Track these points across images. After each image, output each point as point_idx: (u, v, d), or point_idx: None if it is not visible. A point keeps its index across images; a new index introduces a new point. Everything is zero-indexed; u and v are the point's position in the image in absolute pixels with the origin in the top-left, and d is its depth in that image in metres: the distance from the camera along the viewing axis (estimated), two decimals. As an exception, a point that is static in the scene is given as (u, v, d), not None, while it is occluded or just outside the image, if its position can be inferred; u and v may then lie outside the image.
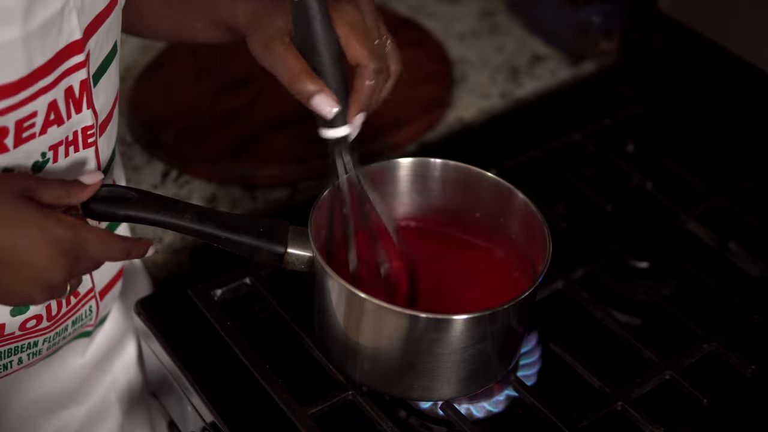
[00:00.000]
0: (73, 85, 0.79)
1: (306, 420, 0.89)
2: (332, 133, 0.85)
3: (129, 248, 0.79)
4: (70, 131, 0.81)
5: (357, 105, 0.85)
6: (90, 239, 0.75)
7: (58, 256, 0.74)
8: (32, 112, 0.77)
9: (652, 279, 1.06)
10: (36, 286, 0.75)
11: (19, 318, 0.86)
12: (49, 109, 0.78)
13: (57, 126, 0.80)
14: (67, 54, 0.78)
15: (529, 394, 0.92)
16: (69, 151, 0.82)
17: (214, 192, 1.18)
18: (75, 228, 0.75)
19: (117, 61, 0.86)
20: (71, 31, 0.77)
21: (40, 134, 0.78)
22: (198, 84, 1.30)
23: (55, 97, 0.78)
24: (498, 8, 1.47)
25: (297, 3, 0.82)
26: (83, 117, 0.82)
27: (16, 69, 0.74)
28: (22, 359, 0.91)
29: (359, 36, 0.85)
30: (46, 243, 0.73)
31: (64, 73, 0.78)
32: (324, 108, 0.84)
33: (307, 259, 0.86)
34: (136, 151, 1.23)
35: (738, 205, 1.14)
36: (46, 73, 0.76)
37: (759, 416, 0.95)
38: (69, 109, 0.80)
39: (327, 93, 0.83)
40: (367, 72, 0.85)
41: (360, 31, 0.85)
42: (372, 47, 0.85)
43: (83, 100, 0.81)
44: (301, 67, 0.84)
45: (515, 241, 0.94)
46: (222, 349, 0.96)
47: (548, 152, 1.19)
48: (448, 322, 0.84)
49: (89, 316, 0.95)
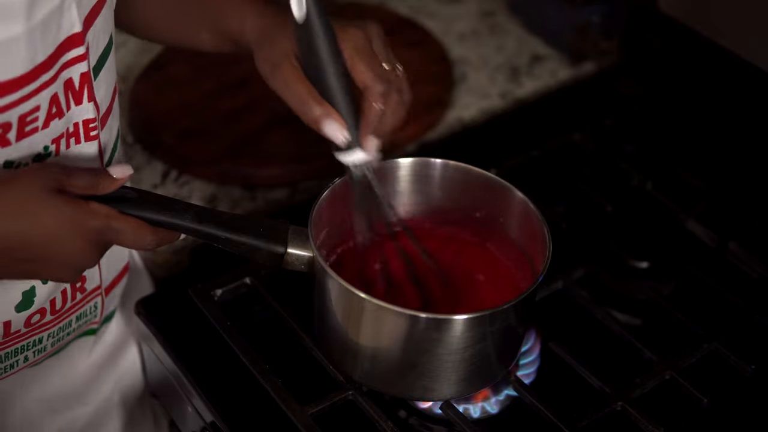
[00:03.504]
0: (72, 77, 0.80)
1: (306, 420, 0.89)
2: (346, 158, 0.85)
3: (160, 238, 0.81)
4: (70, 123, 0.81)
5: (366, 128, 0.84)
6: (122, 229, 0.77)
7: (92, 246, 0.77)
8: (35, 106, 0.77)
9: (652, 279, 1.06)
10: (69, 272, 0.78)
11: (24, 313, 0.86)
12: (51, 103, 0.78)
13: (58, 119, 0.80)
14: (67, 47, 0.78)
15: (528, 393, 0.92)
16: (70, 143, 0.82)
17: (214, 192, 1.19)
18: (107, 219, 0.77)
19: (113, 54, 0.86)
20: (72, 23, 0.77)
21: (43, 128, 0.79)
22: (198, 84, 1.30)
23: (56, 91, 0.78)
24: (498, 8, 1.47)
25: (302, 26, 0.82)
26: (83, 109, 0.82)
27: (19, 64, 0.74)
28: (28, 357, 0.91)
29: (365, 59, 0.84)
30: (80, 236, 0.76)
31: (63, 65, 0.78)
32: (333, 133, 0.83)
33: (307, 259, 0.86)
34: (137, 151, 1.23)
35: (738, 205, 1.14)
36: (48, 67, 0.77)
37: (759, 416, 0.95)
38: (68, 101, 0.80)
39: (334, 117, 0.83)
40: (373, 94, 0.83)
41: (366, 54, 0.84)
42: (379, 70, 0.84)
43: (84, 93, 0.81)
44: (306, 90, 0.83)
45: (515, 241, 0.94)
46: (222, 349, 0.96)
47: (548, 152, 1.19)
48: (448, 322, 0.84)
49: (94, 312, 0.95)
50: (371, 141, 0.84)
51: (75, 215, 0.75)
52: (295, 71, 0.84)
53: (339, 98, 0.83)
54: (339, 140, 0.84)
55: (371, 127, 0.84)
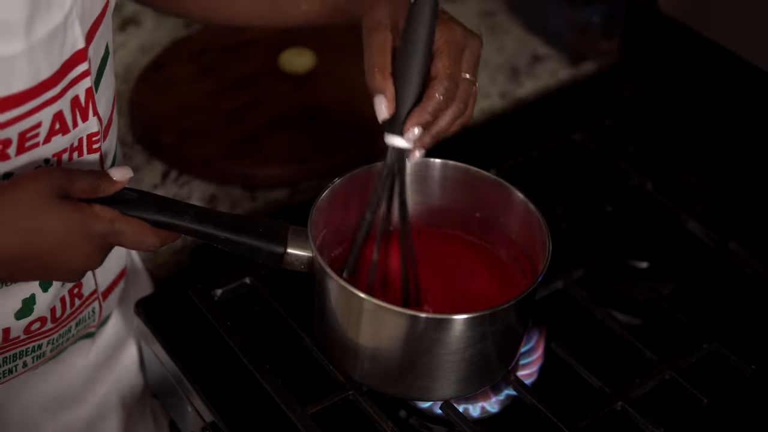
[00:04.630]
0: (79, 95, 0.80)
1: (306, 420, 0.89)
2: (390, 139, 0.84)
3: (162, 239, 0.81)
4: (75, 138, 0.81)
5: (415, 116, 0.82)
6: (125, 231, 0.78)
7: (96, 249, 0.78)
8: (37, 123, 0.77)
9: (652, 279, 1.06)
10: (74, 274, 0.80)
11: (24, 321, 0.86)
12: (54, 120, 0.78)
13: (62, 135, 0.80)
14: (72, 64, 0.78)
15: (529, 394, 0.92)
16: (73, 156, 0.82)
17: (214, 192, 1.19)
18: (111, 222, 0.77)
19: (111, 62, 0.86)
20: (75, 40, 0.77)
21: (44, 143, 0.79)
22: (198, 84, 1.30)
23: (61, 108, 0.78)
24: (498, 8, 1.47)
25: (414, 4, 0.82)
26: (89, 124, 0.82)
27: (20, 81, 0.74)
28: (27, 363, 0.91)
29: (450, 56, 0.83)
30: (86, 240, 0.76)
31: (70, 83, 0.78)
32: (378, 109, 0.82)
33: (307, 259, 0.86)
34: (137, 151, 1.23)
35: (738, 205, 1.14)
36: (53, 84, 0.76)
37: (759, 416, 0.95)
38: (75, 119, 0.80)
39: (387, 94, 0.82)
40: (437, 87, 0.82)
41: (453, 52, 0.83)
42: (454, 69, 0.83)
43: (89, 108, 0.81)
44: (381, 63, 0.82)
45: (515, 241, 0.94)
46: (222, 349, 0.96)
47: (548, 152, 1.19)
48: (448, 322, 0.84)
49: (92, 317, 0.95)
50: (413, 129, 0.82)
51: (80, 220, 0.75)
52: (385, 40, 0.83)
53: (412, 81, 0.82)
54: (380, 117, 0.83)
55: (422, 117, 0.82)
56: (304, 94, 1.28)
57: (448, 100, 0.83)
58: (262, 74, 1.31)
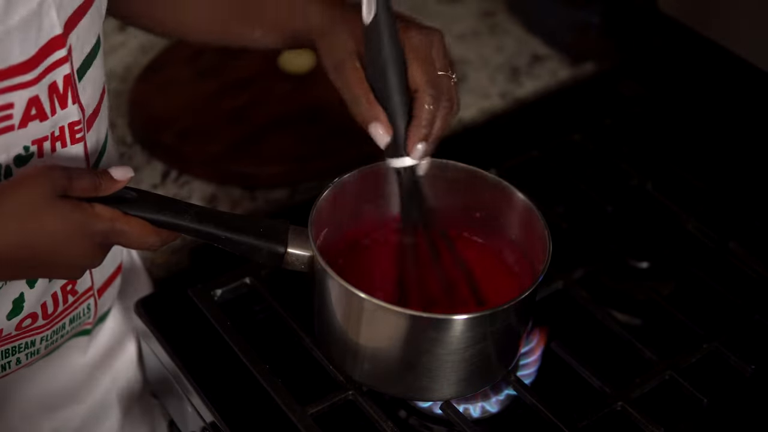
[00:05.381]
0: (56, 81, 0.79)
1: (306, 420, 0.89)
2: (394, 162, 0.86)
3: (163, 238, 0.82)
4: (56, 126, 0.81)
5: (415, 133, 0.84)
6: (126, 231, 0.78)
7: (97, 248, 0.78)
8: (8, 103, 0.76)
9: (652, 279, 1.06)
10: (75, 272, 0.80)
11: (15, 320, 0.86)
12: (29, 104, 0.78)
13: (40, 121, 0.79)
14: (49, 50, 0.77)
15: (528, 393, 0.92)
16: (56, 146, 0.82)
17: (214, 192, 1.19)
18: (112, 221, 0.78)
19: (101, 56, 0.86)
20: (51, 26, 0.77)
21: (20, 127, 0.78)
22: (198, 84, 1.30)
23: (37, 93, 0.78)
24: (498, 8, 1.47)
25: (369, 26, 0.83)
26: (69, 112, 0.82)
27: None
28: (20, 359, 0.91)
29: (422, 62, 0.85)
30: (87, 239, 0.77)
31: (47, 69, 0.78)
32: (377, 136, 0.84)
33: (307, 259, 0.86)
34: (137, 151, 1.23)
35: (738, 205, 1.14)
36: (28, 68, 0.76)
37: (759, 416, 0.95)
38: (53, 105, 0.80)
39: (381, 121, 0.84)
40: (423, 98, 0.84)
41: (424, 58, 0.85)
42: (433, 75, 0.85)
43: (68, 96, 0.81)
44: (362, 92, 0.84)
45: (515, 241, 0.94)
46: (222, 349, 0.96)
47: (548, 152, 1.19)
48: (448, 322, 0.84)
49: (87, 313, 0.95)
50: (417, 147, 0.85)
51: (81, 220, 0.76)
52: (356, 72, 0.85)
53: (396, 99, 0.84)
54: (382, 143, 0.85)
55: (421, 132, 0.84)
56: (304, 94, 1.28)
57: (436, 105, 0.84)
58: (262, 74, 1.31)
